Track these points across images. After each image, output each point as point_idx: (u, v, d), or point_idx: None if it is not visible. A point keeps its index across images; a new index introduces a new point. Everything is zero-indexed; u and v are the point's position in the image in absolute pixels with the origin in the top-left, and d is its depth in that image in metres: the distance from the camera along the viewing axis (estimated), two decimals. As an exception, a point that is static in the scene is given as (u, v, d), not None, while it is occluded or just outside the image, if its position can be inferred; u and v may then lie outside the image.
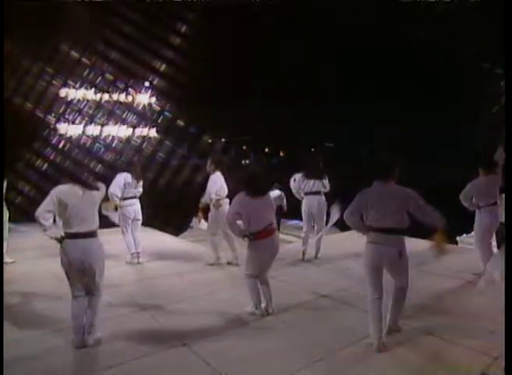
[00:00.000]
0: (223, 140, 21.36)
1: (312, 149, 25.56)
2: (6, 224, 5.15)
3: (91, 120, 13.35)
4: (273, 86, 17.92)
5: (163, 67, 14.76)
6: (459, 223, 4.91)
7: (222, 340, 3.13)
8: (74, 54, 12.94)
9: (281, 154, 25.77)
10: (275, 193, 9.91)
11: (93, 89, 13.26)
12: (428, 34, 13.21)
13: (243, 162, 22.67)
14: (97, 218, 3.02)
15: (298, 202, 5.70)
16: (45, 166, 11.25)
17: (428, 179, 14.09)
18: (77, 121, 13.01)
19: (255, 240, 3.37)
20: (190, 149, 18.26)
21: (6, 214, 5.13)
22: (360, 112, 18.59)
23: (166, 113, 15.39)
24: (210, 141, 20.00)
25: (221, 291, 4.24)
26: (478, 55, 12.89)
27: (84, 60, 13.23)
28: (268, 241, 3.39)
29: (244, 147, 24.00)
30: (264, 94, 17.99)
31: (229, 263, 5.19)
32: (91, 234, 2.92)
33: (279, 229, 9.59)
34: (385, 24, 13.99)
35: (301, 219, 5.58)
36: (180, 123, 16.16)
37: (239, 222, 3.40)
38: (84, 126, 13.05)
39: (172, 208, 11.05)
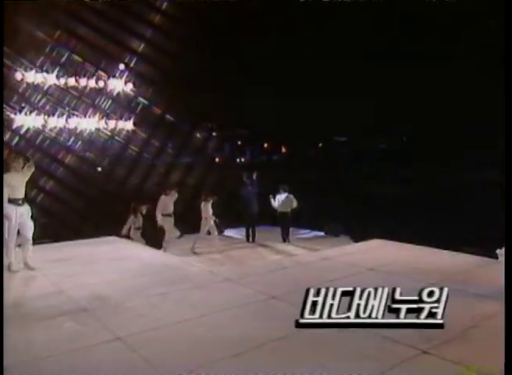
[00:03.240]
0: (214, 134, 21.30)
1: (320, 144, 25.59)
2: None
3: (54, 110, 13.22)
4: (273, 71, 17.87)
5: (141, 47, 14.72)
6: (497, 232, 4.87)
7: (216, 374, 3.06)
8: (32, 28, 12.80)
9: (283, 150, 25.75)
10: (282, 196, 9.96)
11: (55, 72, 13.13)
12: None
13: (237, 159, 22.64)
14: None
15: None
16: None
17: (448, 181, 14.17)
18: (37, 111, 12.87)
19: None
20: (175, 145, 18.20)
21: None
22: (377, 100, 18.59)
23: (145, 102, 15.34)
24: (198, 135, 19.94)
25: (213, 313, 4.21)
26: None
27: (45, 36, 13.10)
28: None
29: (239, 142, 23.94)
30: (263, 80, 17.94)
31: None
32: None
33: (286, 240, 9.69)
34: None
35: (313, 228, 5.57)
36: (163, 113, 16.12)
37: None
38: (45, 118, 12.92)
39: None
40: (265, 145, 26.12)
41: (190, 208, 10.15)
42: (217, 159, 21.53)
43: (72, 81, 13.21)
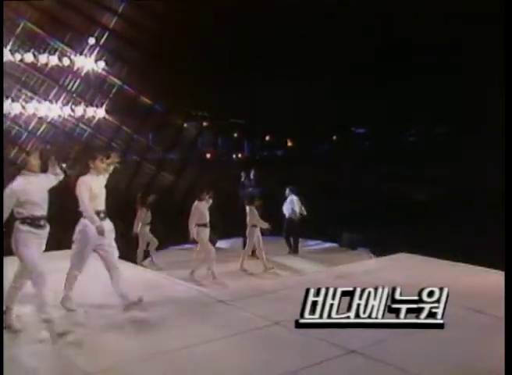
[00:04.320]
0: (205, 124, 21.42)
1: (334, 137, 25.69)
2: None
3: (7, 93, 13.20)
4: (279, 50, 17.93)
5: (115, 19, 14.73)
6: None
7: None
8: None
9: (288, 144, 25.88)
10: (288, 199, 10.07)
11: (9, 46, 13.08)
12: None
13: (234, 155, 22.75)
14: None
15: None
16: None
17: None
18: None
19: None
20: (157, 138, 18.23)
21: None
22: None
23: (121, 85, 15.35)
24: (185, 125, 20.02)
25: (203, 343, 4.17)
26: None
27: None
28: None
29: (236, 134, 24.08)
30: (266, 62, 18.00)
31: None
32: None
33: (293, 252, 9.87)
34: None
35: (324, 239, 5.59)
36: (142, 99, 16.15)
37: None
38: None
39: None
40: (267, 138, 26.24)
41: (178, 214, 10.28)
42: (208, 155, 21.61)
43: (29, 57, 13.17)
